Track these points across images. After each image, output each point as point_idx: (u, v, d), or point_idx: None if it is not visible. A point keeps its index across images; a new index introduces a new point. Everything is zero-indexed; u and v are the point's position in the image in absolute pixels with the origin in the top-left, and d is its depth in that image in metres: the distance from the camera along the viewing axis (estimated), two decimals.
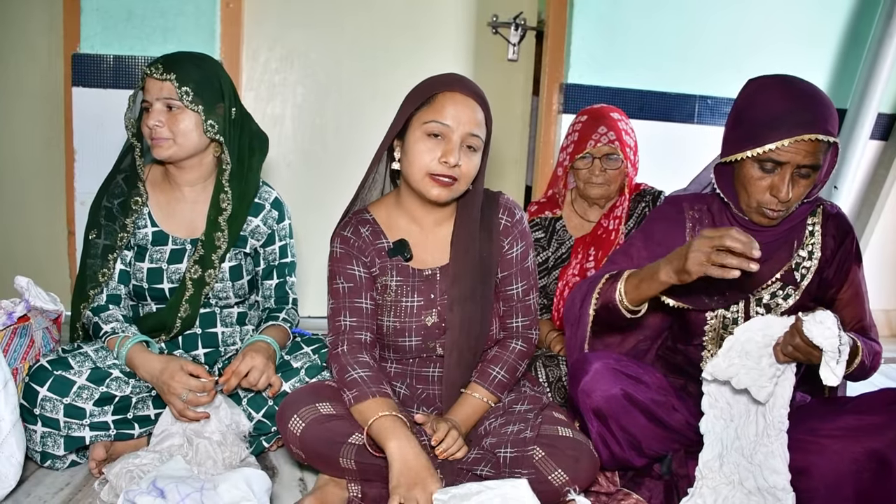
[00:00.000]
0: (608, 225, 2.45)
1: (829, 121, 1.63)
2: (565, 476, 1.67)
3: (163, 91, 1.90)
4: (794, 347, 1.50)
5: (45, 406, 1.80)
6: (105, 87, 2.83)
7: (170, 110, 1.92)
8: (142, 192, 1.99)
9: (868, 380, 1.82)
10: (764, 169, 1.67)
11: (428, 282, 1.90)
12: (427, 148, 1.77)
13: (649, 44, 3.19)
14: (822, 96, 1.66)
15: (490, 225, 1.93)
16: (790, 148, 1.62)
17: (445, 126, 1.76)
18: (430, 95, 1.80)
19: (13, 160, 3.10)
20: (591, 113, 2.45)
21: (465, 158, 1.78)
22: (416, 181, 1.81)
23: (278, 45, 3.16)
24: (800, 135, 1.60)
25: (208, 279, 2.00)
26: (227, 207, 2.02)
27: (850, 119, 3.33)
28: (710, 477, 1.67)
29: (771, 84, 1.70)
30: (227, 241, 2.01)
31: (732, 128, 1.76)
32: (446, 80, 1.82)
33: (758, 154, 1.65)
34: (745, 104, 1.72)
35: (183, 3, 2.84)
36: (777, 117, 1.63)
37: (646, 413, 1.75)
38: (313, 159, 3.28)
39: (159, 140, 1.92)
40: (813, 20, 3.33)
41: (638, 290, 1.70)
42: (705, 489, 1.67)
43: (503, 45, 3.32)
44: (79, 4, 2.79)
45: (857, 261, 1.84)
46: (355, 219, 1.94)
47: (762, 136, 1.64)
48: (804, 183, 1.67)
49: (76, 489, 1.82)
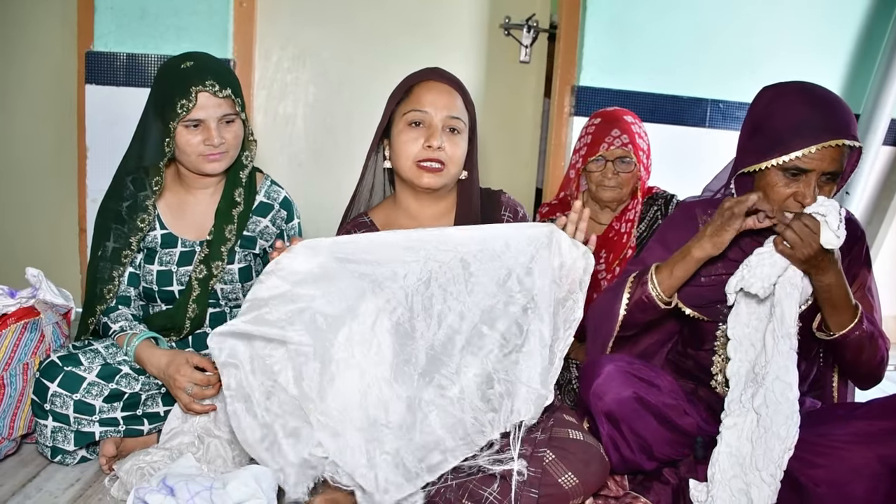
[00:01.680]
0: (620, 228, 2.44)
1: (851, 126, 1.63)
2: (575, 479, 1.66)
3: (220, 107, 1.89)
4: (793, 229, 1.59)
5: (55, 402, 1.81)
6: (118, 84, 2.84)
7: (225, 124, 1.92)
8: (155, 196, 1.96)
9: (878, 387, 1.81)
10: (788, 176, 1.66)
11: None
12: (410, 137, 1.83)
13: (662, 47, 3.18)
14: (841, 102, 1.66)
15: (492, 222, 1.93)
16: (816, 155, 1.61)
17: (424, 113, 1.83)
18: (408, 89, 1.88)
19: (26, 157, 3.11)
20: (604, 116, 2.45)
21: (448, 142, 1.83)
22: (405, 171, 1.85)
23: (291, 44, 3.16)
24: (826, 141, 1.59)
25: (215, 271, 2.00)
26: (240, 202, 2.02)
27: (863, 124, 3.32)
28: (732, 414, 1.69)
29: (789, 91, 1.69)
30: (236, 234, 2.01)
31: (750, 136, 1.74)
32: (422, 73, 1.91)
33: (783, 162, 1.63)
34: (764, 113, 1.71)
35: (196, 1, 2.86)
36: (800, 124, 1.62)
37: (657, 417, 1.75)
38: (325, 158, 3.28)
39: (216, 155, 1.92)
40: (826, 25, 3.32)
41: (672, 276, 1.75)
42: (725, 431, 1.67)
43: (515, 47, 3.32)
44: (93, 2, 2.81)
45: (866, 266, 1.84)
46: (352, 223, 1.97)
47: (786, 144, 1.63)
48: (827, 189, 1.67)
49: (86, 485, 1.82)
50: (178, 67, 1.89)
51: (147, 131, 1.94)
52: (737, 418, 1.66)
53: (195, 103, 1.84)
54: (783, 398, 1.59)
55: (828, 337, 1.70)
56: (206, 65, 1.90)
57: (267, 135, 3.19)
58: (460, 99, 1.88)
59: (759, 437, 1.61)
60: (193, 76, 1.85)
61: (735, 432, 1.66)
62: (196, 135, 1.88)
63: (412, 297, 1.66)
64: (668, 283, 1.75)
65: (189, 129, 1.87)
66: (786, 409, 1.58)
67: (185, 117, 1.84)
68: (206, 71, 1.87)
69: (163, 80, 1.92)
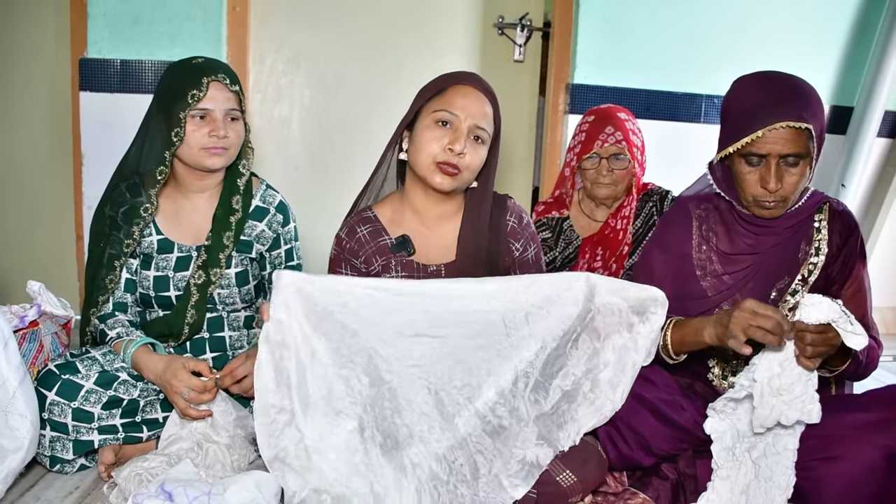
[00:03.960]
0: (616, 225, 2.44)
1: (803, 108, 1.66)
2: (574, 477, 1.67)
3: (229, 101, 1.94)
4: (812, 343, 1.51)
5: (53, 410, 1.81)
6: (112, 91, 2.84)
7: (230, 120, 1.95)
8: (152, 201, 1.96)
9: (874, 377, 1.82)
10: (750, 163, 1.71)
11: (433, 277, 1.90)
12: (435, 136, 1.81)
13: (655, 43, 3.18)
14: (799, 86, 1.70)
15: (498, 226, 1.94)
16: (767, 138, 1.65)
17: (454, 115, 1.80)
18: (442, 87, 1.85)
19: (22, 165, 3.11)
20: (598, 113, 2.45)
21: (470, 149, 1.82)
22: (421, 168, 1.83)
23: (285, 48, 3.16)
24: (771, 124, 1.64)
25: (213, 278, 2.00)
26: (238, 208, 2.03)
27: (858, 117, 3.32)
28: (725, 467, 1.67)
29: (749, 79, 1.76)
30: (233, 240, 2.01)
31: (721, 126, 1.81)
32: (459, 76, 1.88)
33: (739, 148, 1.69)
34: (727, 103, 1.79)
35: (190, 7, 2.85)
36: (752, 110, 1.67)
37: (654, 412, 1.75)
38: (320, 161, 3.28)
39: (218, 149, 1.93)
40: (819, 18, 3.32)
41: (682, 343, 1.76)
42: (718, 481, 1.66)
43: (509, 46, 3.32)
44: (86, 9, 2.81)
45: (861, 258, 1.84)
46: (355, 218, 1.96)
47: (741, 130, 1.68)
48: (794, 171, 1.70)
49: (85, 493, 1.82)
50: (189, 63, 1.95)
51: (150, 132, 1.95)
52: (730, 471, 1.66)
53: (206, 93, 1.88)
54: (784, 450, 1.61)
55: (829, 374, 1.72)
56: (216, 62, 1.97)
57: (262, 138, 3.19)
58: (491, 109, 1.86)
59: (759, 488, 1.63)
60: (206, 69, 1.92)
61: (728, 484, 1.66)
62: (202, 126, 1.91)
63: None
64: (677, 347, 1.78)
65: (195, 120, 1.90)
66: (786, 461, 1.60)
67: (195, 106, 1.88)
68: (218, 66, 1.94)
69: (172, 75, 1.96)
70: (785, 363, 1.55)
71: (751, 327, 1.53)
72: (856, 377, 1.79)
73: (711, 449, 1.68)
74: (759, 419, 1.57)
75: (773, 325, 1.50)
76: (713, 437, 1.67)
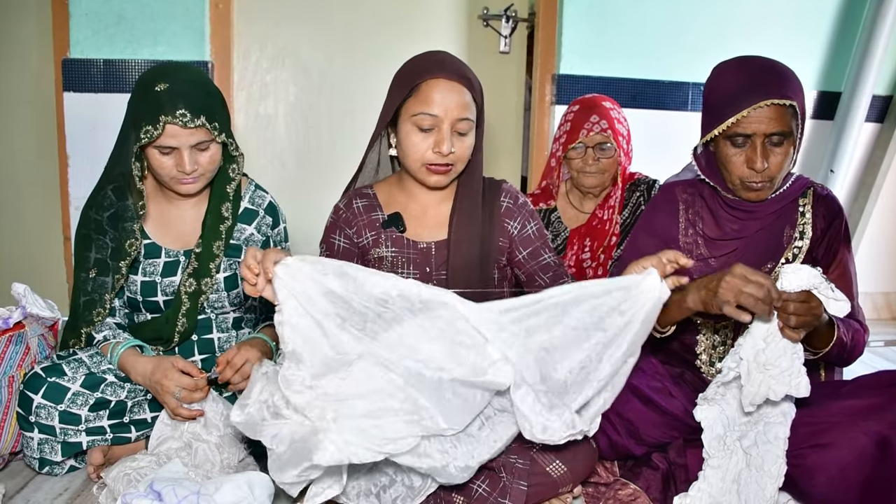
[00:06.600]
0: (603, 215, 2.44)
1: (785, 86, 1.67)
2: (563, 467, 1.67)
3: (193, 136, 1.80)
4: (795, 312, 1.48)
5: (40, 413, 1.80)
6: (96, 91, 2.83)
7: (200, 150, 1.86)
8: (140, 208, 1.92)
9: (865, 362, 1.81)
10: (735, 144, 1.72)
11: (423, 254, 1.89)
12: (419, 140, 1.78)
13: (641, 32, 3.18)
14: (778, 66, 1.72)
15: (491, 207, 1.92)
16: (752, 118, 1.67)
17: (434, 117, 1.76)
18: (415, 84, 1.79)
19: (7, 166, 3.10)
20: (582, 102, 2.45)
21: (458, 143, 1.79)
22: (413, 170, 1.83)
23: (269, 44, 3.15)
24: (756, 102, 1.65)
25: (204, 288, 1.97)
26: (228, 216, 1.99)
27: (846, 102, 3.32)
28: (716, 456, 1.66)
29: (729, 64, 1.78)
30: (223, 249, 1.99)
31: (703, 113, 1.82)
32: (429, 67, 1.80)
33: (724, 130, 1.70)
34: (708, 88, 1.80)
35: (172, 5, 2.84)
36: (736, 91, 1.69)
37: (642, 399, 1.76)
38: (308, 157, 3.28)
39: (189, 180, 1.86)
40: (805, 3, 3.32)
41: (666, 313, 1.67)
42: (709, 469, 1.66)
43: (495, 38, 3.31)
44: (67, 10, 2.79)
45: (845, 242, 1.84)
46: (354, 192, 1.96)
47: (725, 112, 1.69)
48: (779, 151, 1.70)
49: (75, 494, 1.82)
50: (151, 88, 1.79)
51: (125, 144, 1.88)
52: (721, 460, 1.66)
53: (162, 133, 1.77)
54: (775, 439, 1.60)
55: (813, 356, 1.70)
56: (179, 90, 1.79)
57: (248, 136, 3.18)
58: (469, 94, 1.80)
59: (750, 477, 1.62)
60: (165, 103, 1.76)
61: (719, 473, 1.66)
62: (169, 158, 1.83)
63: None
64: (661, 319, 1.70)
65: (162, 151, 1.82)
66: (777, 450, 1.59)
67: (154, 143, 1.79)
68: (179, 97, 1.77)
69: (136, 99, 1.84)
70: (769, 337, 1.53)
71: (742, 293, 1.49)
72: (841, 361, 1.78)
73: (702, 438, 1.67)
74: (747, 397, 1.55)
75: (765, 293, 1.47)
76: (703, 425, 1.67)
